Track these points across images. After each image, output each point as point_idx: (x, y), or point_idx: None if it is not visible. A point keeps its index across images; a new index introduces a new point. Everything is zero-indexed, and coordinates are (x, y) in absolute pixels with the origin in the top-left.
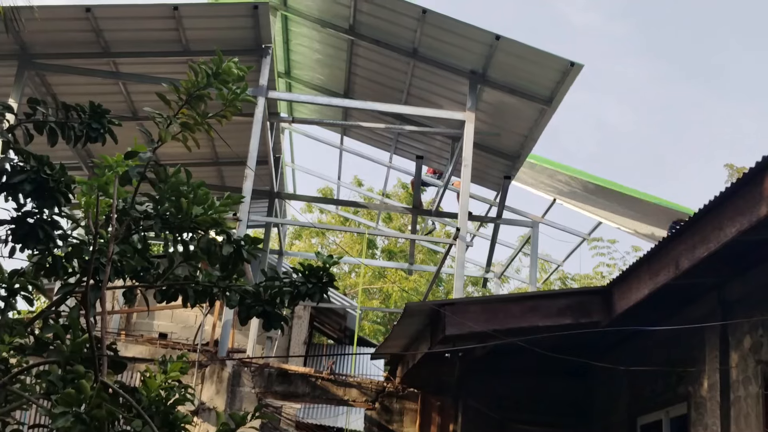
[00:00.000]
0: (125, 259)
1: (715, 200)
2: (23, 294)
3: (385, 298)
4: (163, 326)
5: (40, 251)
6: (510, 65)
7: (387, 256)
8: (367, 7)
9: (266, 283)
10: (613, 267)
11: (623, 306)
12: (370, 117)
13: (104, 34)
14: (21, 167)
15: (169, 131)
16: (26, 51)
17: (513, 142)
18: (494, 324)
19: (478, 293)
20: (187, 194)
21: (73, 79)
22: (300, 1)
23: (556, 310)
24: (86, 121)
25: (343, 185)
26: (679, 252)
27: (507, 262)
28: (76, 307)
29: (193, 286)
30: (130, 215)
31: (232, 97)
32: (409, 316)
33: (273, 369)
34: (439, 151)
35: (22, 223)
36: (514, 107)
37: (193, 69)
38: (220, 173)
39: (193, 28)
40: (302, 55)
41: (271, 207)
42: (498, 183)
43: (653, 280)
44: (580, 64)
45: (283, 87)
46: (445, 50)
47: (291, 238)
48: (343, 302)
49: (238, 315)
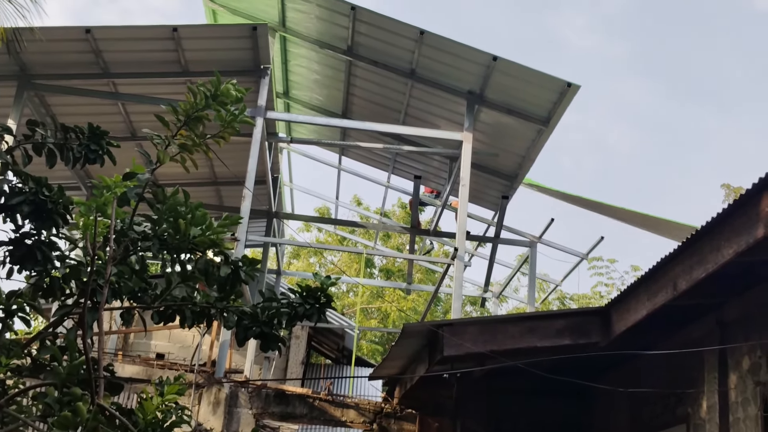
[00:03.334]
0: (123, 281)
1: (712, 221)
2: (20, 315)
3: (383, 317)
4: (160, 346)
5: (37, 272)
6: (507, 86)
7: (385, 275)
8: (365, 29)
9: (264, 303)
10: (612, 287)
11: (622, 327)
12: (368, 137)
13: (104, 55)
14: (19, 189)
15: (167, 153)
16: (26, 71)
17: (511, 162)
18: (492, 345)
19: (476, 313)
20: (185, 215)
21: (72, 100)
22: (298, 23)
23: (554, 330)
24: (85, 143)
25: (341, 204)
26: (676, 273)
27: (505, 282)
28: (73, 328)
29: (190, 307)
30: (128, 236)
31: (230, 118)
32: (407, 337)
33: (270, 390)
34: (437, 171)
35: (19, 245)
36: (511, 127)
37: (192, 91)
38: (219, 193)
39: (192, 49)
40: (300, 75)
41: (269, 227)
42: (496, 203)
43: (651, 301)
44: (576, 85)
45: (282, 107)
46: (443, 71)
47: (289, 257)
48: (341, 322)
49: (235, 336)
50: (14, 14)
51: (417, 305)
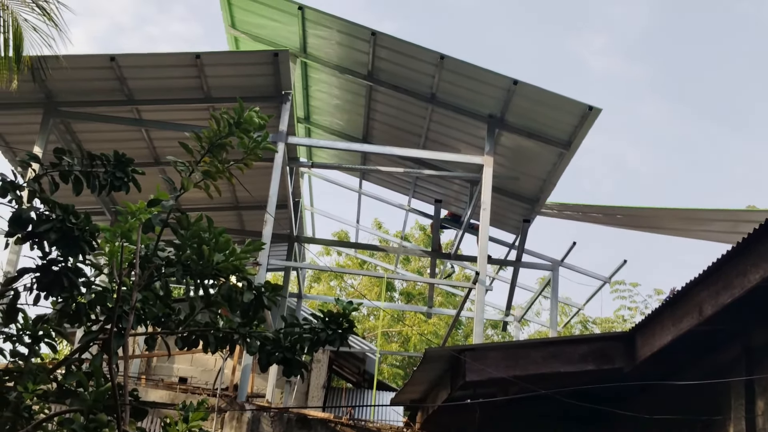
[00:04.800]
0: (147, 306)
1: (738, 246)
2: (47, 341)
3: (404, 341)
4: (183, 370)
5: (64, 298)
6: (528, 109)
7: (405, 298)
8: (385, 54)
9: (286, 329)
10: (635, 310)
11: (646, 352)
12: (388, 161)
13: (128, 82)
14: (47, 216)
15: (191, 179)
16: (51, 99)
17: (532, 186)
18: (515, 370)
19: (497, 337)
20: (208, 241)
21: (97, 126)
22: (319, 49)
23: (578, 356)
24: (110, 171)
25: (361, 228)
26: (702, 298)
27: (527, 306)
28: (99, 354)
29: (213, 333)
30: (153, 262)
31: (253, 145)
32: (429, 362)
33: (292, 414)
34: (458, 195)
35: (47, 271)
36: (532, 151)
37: (215, 118)
38: (240, 217)
39: (214, 75)
40: (321, 100)
41: (290, 251)
42: (517, 226)
43: (677, 326)
44: (598, 108)
45: (303, 132)
46: (463, 95)
47: (310, 281)
48: (362, 346)
49: (258, 362)
50: (40, 43)
51: (438, 329)
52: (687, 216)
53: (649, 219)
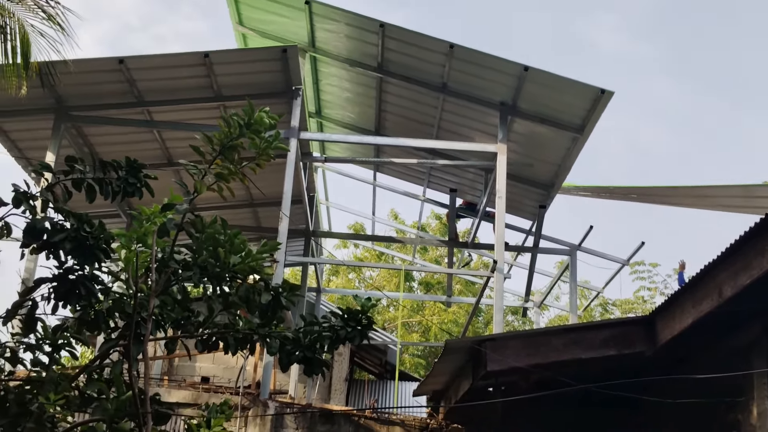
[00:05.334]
0: (165, 311)
1: (756, 226)
2: (67, 349)
3: (425, 330)
4: (205, 368)
5: (82, 307)
6: (540, 95)
7: (424, 288)
8: (394, 45)
9: (306, 328)
10: (655, 291)
11: (667, 335)
12: (402, 152)
13: (137, 84)
14: (61, 225)
15: (203, 182)
16: (62, 104)
17: (546, 172)
18: (536, 358)
19: (517, 323)
20: (224, 243)
21: (108, 129)
22: (328, 43)
23: (598, 341)
24: (123, 177)
25: (377, 220)
26: (722, 279)
27: (546, 291)
28: (119, 362)
29: (233, 334)
30: (169, 266)
31: (264, 145)
32: (450, 353)
33: (316, 409)
34: (473, 183)
35: (63, 281)
36: (545, 137)
37: (226, 120)
38: (256, 214)
39: (224, 74)
40: (332, 94)
41: (307, 246)
42: (533, 212)
43: (697, 308)
44: (610, 92)
45: (315, 127)
46: (474, 83)
47: (328, 274)
48: (383, 337)
49: (279, 361)
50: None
51: (458, 317)
52: (702, 194)
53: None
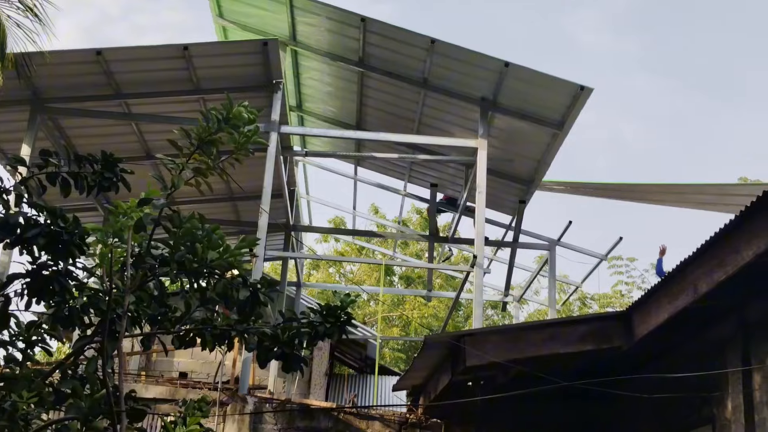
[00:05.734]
0: (141, 308)
1: (731, 223)
2: (41, 345)
3: (405, 324)
4: (183, 363)
5: (56, 303)
6: (520, 91)
7: (405, 282)
8: (375, 39)
9: (284, 324)
10: (633, 285)
11: (644, 330)
12: (383, 147)
13: (115, 76)
14: (35, 221)
15: (181, 177)
16: (39, 96)
17: (526, 167)
18: (514, 353)
19: (497, 317)
20: (202, 239)
21: (86, 122)
22: (309, 36)
23: (576, 336)
24: (99, 171)
25: (358, 215)
26: (697, 276)
27: (525, 285)
28: (93, 359)
29: (210, 330)
30: (146, 262)
31: (243, 140)
32: (429, 349)
33: (295, 405)
34: (453, 178)
35: (37, 276)
36: (525, 132)
37: (204, 114)
38: (236, 208)
39: (203, 66)
40: (313, 88)
41: (287, 240)
42: (513, 207)
43: (672, 304)
44: (590, 88)
45: (296, 121)
46: (455, 78)
47: (308, 268)
48: (363, 332)
49: (257, 358)
50: (24, 39)
51: (438, 311)
52: (678, 191)
53: (642, 194)
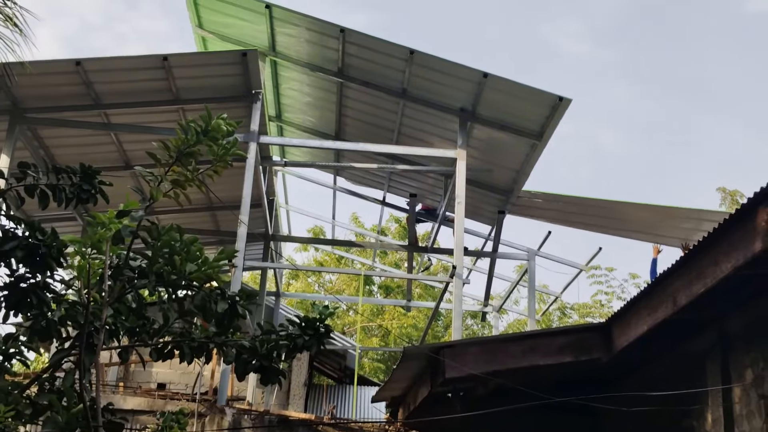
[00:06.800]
0: (119, 320)
1: (710, 236)
2: (18, 358)
3: (385, 334)
4: (161, 374)
5: (33, 315)
6: (499, 102)
7: (384, 292)
8: (354, 50)
9: (262, 336)
10: (612, 295)
11: (623, 342)
12: (362, 157)
13: (95, 86)
14: (13, 233)
15: (160, 189)
16: (18, 106)
17: (506, 177)
18: (494, 365)
19: (477, 326)
20: (180, 251)
21: (65, 132)
22: (288, 47)
23: (555, 348)
24: (77, 183)
25: (337, 224)
26: (676, 288)
27: (505, 295)
28: (70, 373)
29: (188, 343)
30: (124, 274)
31: (222, 152)
32: (408, 360)
33: (273, 416)
34: (432, 188)
35: (14, 289)
36: (504, 143)
37: (183, 127)
38: (215, 218)
39: (183, 77)
40: (292, 98)
41: (266, 250)
42: (492, 217)
43: (652, 316)
44: (568, 99)
45: (275, 130)
46: (434, 89)
47: (288, 278)
48: (342, 342)
49: (235, 370)
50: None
51: (418, 321)
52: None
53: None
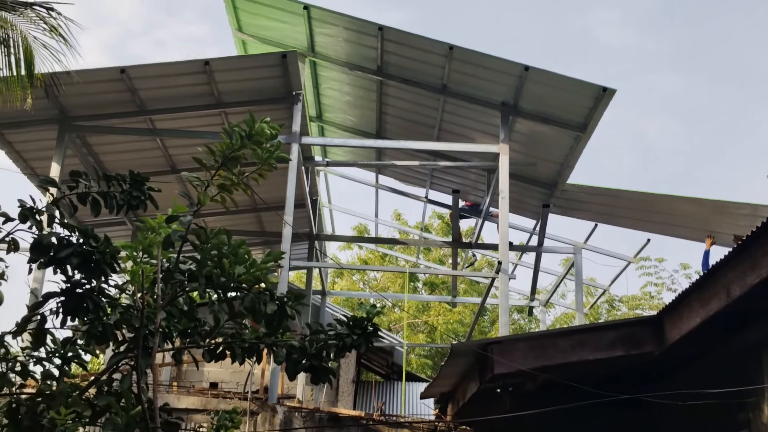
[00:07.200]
0: (172, 323)
1: (764, 226)
2: (76, 361)
3: (431, 330)
4: (213, 373)
5: (90, 320)
6: (541, 95)
7: (429, 288)
8: (393, 48)
9: (311, 336)
10: (662, 286)
11: (675, 335)
12: (403, 155)
13: (139, 93)
14: (67, 240)
15: (207, 194)
16: (66, 115)
17: (549, 171)
18: (543, 360)
19: (523, 321)
20: (228, 254)
21: (112, 139)
22: (327, 47)
23: (606, 342)
24: (127, 190)
25: (380, 222)
26: (729, 279)
27: (552, 289)
28: (128, 376)
29: (239, 344)
30: (175, 278)
31: (266, 155)
32: (456, 357)
33: (324, 413)
34: (475, 184)
35: (71, 295)
36: (548, 136)
37: (227, 132)
38: (259, 219)
39: (224, 81)
40: (333, 98)
41: (311, 249)
42: (537, 211)
43: (705, 308)
44: (612, 89)
45: (316, 131)
46: (475, 84)
47: (333, 276)
48: (389, 339)
49: (285, 370)
50: (50, 59)
51: (463, 317)
52: (707, 205)
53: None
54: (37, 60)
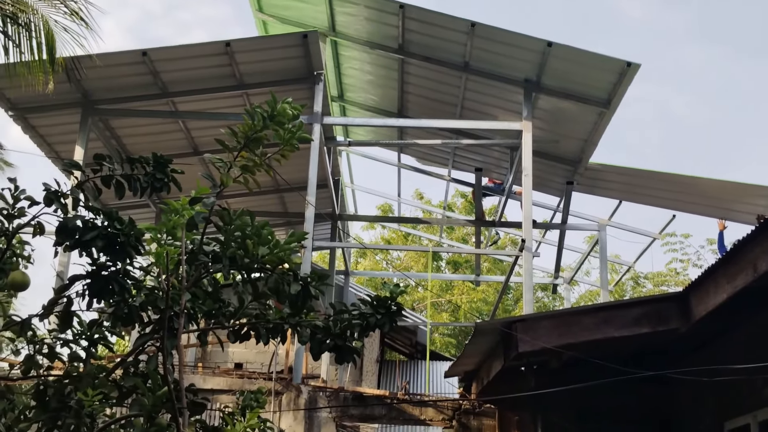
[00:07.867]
0: (197, 304)
1: None
2: (102, 343)
3: (454, 309)
4: (238, 354)
5: (115, 302)
6: (564, 71)
7: (452, 267)
8: (414, 26)
9: (335, 316)
10: (687, 262)
11: (701, 311)
12: (425, 133)
13: (161, 75)
14: (92, 223)
15: (230, 175)
16: (88, 98)
17: (573, 147)
18: (567, 338)
19: (547, 298)
20: (252, 235)
21: (134, 121)
22: (348, 26)
23: (631, 319)
24: (151, 173)
25: (403, 201)
26: (756, 255)
27: (576, 267)
28: (154, 357)
29: (263, 324)
30: (199, 259)
31: (288, 136)
32: (480, 335)
33: (348, 393)
34: (498, 162)
35: (97, 277)
36: (571, 112)
37: (249, 113)
38: (282, 200)
39: (245, 62)
40: (354, 77)
41: (334, 229)
42: (560, 189)
43: (731, 284)
44: (636, 64)
45: (338, 111)
46: (497, 61)
47: (356, 256)
48: (413, 318)
49: (310, 350)
50: (72, 43)
51: (487, 296)
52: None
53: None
54: (59, 44)
